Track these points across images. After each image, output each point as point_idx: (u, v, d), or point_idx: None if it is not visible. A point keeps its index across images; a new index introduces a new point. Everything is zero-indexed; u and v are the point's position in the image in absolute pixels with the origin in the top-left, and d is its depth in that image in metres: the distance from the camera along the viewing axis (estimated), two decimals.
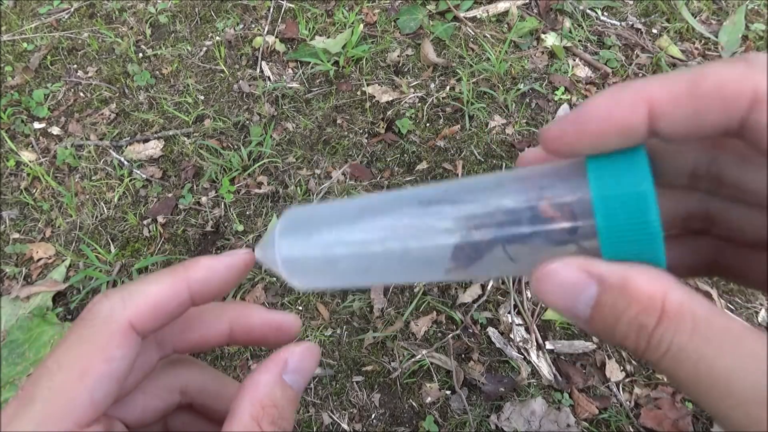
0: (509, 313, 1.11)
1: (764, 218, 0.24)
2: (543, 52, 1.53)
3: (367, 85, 1.47)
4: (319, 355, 0.28)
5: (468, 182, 0.25)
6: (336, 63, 1.51)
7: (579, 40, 1.56)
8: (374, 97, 1.45)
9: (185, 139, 1.41)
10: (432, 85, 1.47)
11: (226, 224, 1.27)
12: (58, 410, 0.23)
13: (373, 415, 1.03)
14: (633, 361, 1.07)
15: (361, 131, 1.40)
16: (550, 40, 1.55)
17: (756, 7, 1.61)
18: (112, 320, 0.25)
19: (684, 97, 0.19)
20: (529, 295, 1.13)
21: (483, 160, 1.33)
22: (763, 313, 1.10)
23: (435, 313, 1.12)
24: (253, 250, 0.30)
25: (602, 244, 0.20)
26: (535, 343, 1.08)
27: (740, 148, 0.21)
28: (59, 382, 0.23)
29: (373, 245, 0.26)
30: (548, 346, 1.08)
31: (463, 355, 1.08)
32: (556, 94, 1.44)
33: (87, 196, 1.33)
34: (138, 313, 0.25)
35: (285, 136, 1.40)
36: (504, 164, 1.32)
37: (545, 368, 1.06)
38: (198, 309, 0.29)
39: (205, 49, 1.59)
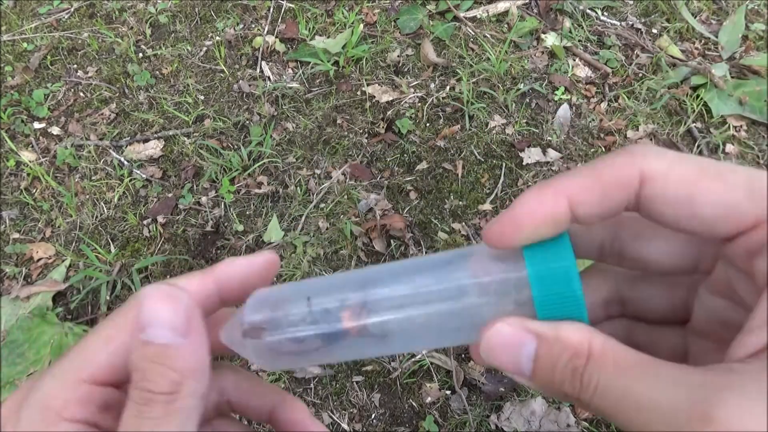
0: None
1: (665, 295, 0.28)
2: (543, 52, 1.53)
3: (367, 85, 1.47)
4: (178, 295, 0.25)
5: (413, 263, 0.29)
6: (336, 63, 1.51)
7: (579, 40, 1.56)
8: (374, 97, 1.45)
9: (185, 139, 1.41)
10: (432, 85, 1.47)
11: (226, 224, 1.27)
12: (81, 361, 0.26)
13: (373, 415, 1.03)
14: None
15: (361, 131, 1.40)
16: (550, 40, 1.55)
17: (756, 7, 1.61)
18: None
19: (592, 185, 0.23)
20: None
21: (483, 160, 1.33)
22: None
23: None
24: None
25: (538, 310, 0.24)
26: None
27: (635, 225, 0.27)
28: (86, 344, 0.27)
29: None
30: None
31: (463, 355, 1.08)
32: (556, 94, 1.44)
33: (87, 196, 1.33)
34: None
35: (285, 136, 1.40)
36: (504, 164, 1.32)
37: None
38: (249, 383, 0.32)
39: (205, 49, 1.59)
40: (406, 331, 0.27)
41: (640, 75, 1.48)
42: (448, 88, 1.46)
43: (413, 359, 1.07)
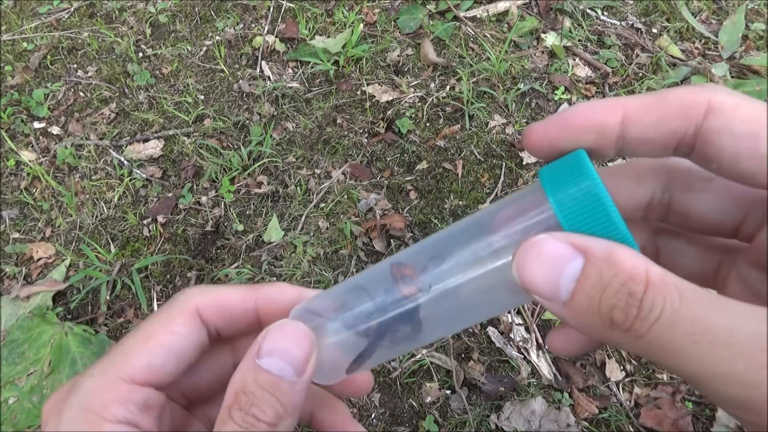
0: (509, 312, 1.11)
1: (699, 256, 0.27)
2: (543, 52, 1.53)
3: (367, 84, 1.47)
4: (305, 336, 0.26)
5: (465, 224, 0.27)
6: (336, 63, 1.51)
7: (579, 40, 1.56)
8: (374, 96, 1.45)
9: (185, 138, 1.41)
10: (432, 85, 1.47)
11: (226, 224, 1.27)
12: (119, 361, 0.27)
13: (373, 415, 1.03)
14: (633, 361, 1.07)
15: (361, 131, 1.40)
16: (550, 39, 1.55)
17: (756, 7, 1.61)
18: (183, 302, 0.28)
19: (652, 106, 0.22)
20: None
21: (483, 159, 1.33)
22: None
23: None
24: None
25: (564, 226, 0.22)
26: (535, 343, 1.08)
27: (686, 177, 0.26)
28: (127, 343, 0.27)
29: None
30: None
31: (463, 355, 1.08)
32: (556, 94, 1.44)
33: (87, 196, 1.33)
34: (205, 303, 0.28)
35: (285, 136, 1.40)
36: (504, 164, 1.32)
37: (545, 368, 1.06)
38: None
39: (205, 48, 1.59)
40: (461, 301, 0.25)
41: (640, 75, 1.48)
42: (448, 87, 1.46)
43: (413, 359, 1.07)
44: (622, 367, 1.06)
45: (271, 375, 0.24)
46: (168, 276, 1.21)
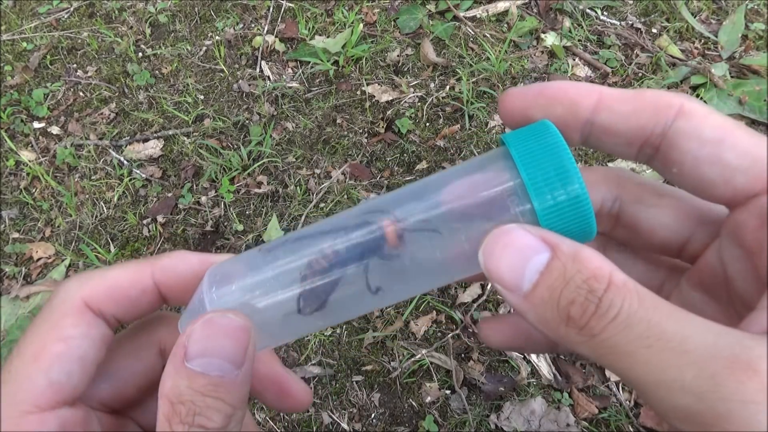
0: (509, 312, 1.11)
1: (645, 274, 0.27)
2: (543, 52, 1.53)
3: (367, 84, 1.47)
4: (239, 327, 0.23)
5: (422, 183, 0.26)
6: (336, 62, 1.51)
7: (579, 40, 1.56)
8: (374, 96, 1.45)
9: (185, 138, 1.41)
10: (432, 85, 1.47)
11: (225, 224, 1.27)
12: (15, 392, 0.23)
13: (372, 415, 1.03)
14: None
15: (360, 131, 1.40)
16: (550, 39, 1.55)
17: (756, 7, 1.61)
18: (66, 300, 0.25)
19: (629, 98, 0.23)
20: None
21: None
22: None
23: (435, 312, 1.12)
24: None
25: (536, 205, 0.22)
26: None
27: (638, 190, 0.26)
28: (15, 366, 0.24)
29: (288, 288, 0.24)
30: None
31: (462, 355, 1.08)
32: None
33: (87, 196, 1.33)
34: (93, 293, 0.25)
35: (285, 136, 1.40)
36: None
37: (545, 368, 1.06)
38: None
39: (204, 48, 1.59)
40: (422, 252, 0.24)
41: (640, 75, 1.48)
42: (447, 87, 1.46)
43: (413, 359, 1.07)
44: None
45: (208, 377, 0.22)
46: None
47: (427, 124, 1.40)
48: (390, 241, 0.23)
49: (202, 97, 1.49)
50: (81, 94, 1.52)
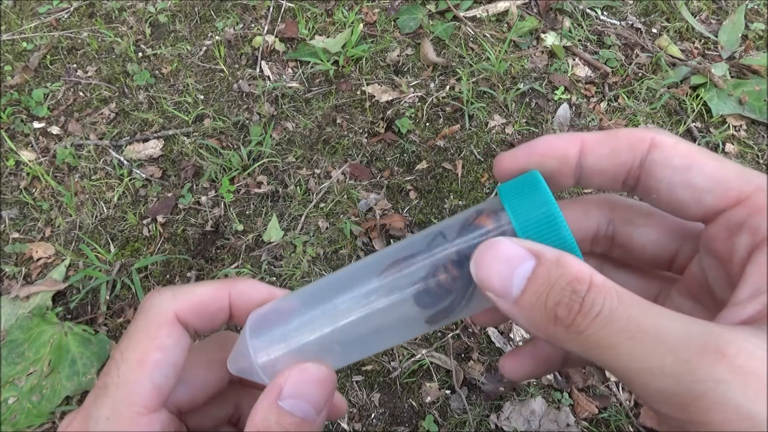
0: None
1: (640, 288, 0.30)
2: (543, 52, 1.53)
3: (367, 84, 1.47)
4: (323, 377, 0.27)
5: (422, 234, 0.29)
6: (336, 62, 1.51)
7: (579, 40, 1.56)
8: (374, 96, 1.45)
9: (185, 138, 1.41)
10: (432, 85, 1.47)
11: (225, 224, 1.27)
12: (127, 395, 0.26)
13: (372, 415, 1.03)
14: None
15: (360, 131, 1.40)
16: (550, 39, 1.55)
17: (756, 7, 1.61)
18: (161, 312, 0.28)
19: (606, 139, 0.26)
20: None
21: (483, 159, 1.33)
22: None
23: None
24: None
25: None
26: None
27: (628, 212, 0.29)
28: (123, 371, 0.27)
29: (345, 327, 0.27)
30: None
31: (462, 355, 1.08)
32: (555, 94, 1.44)
33: (87, 196, 1.33)
34: (184, 308, 0.28)
35: (285, 136, 1.39)
36: None
37: None
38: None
39: (204, 48, 1.59)
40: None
41: (640, 74, 1.48)
42: (447, 87, 1.46)
43: (413, 359, 1.07)
44: None
45: (294, 417, 0.25)
46: (168, 276, 1.21)
47: (427, 124, 1.40)
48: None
49: (202, 97, 1.49)
50: (81, 94, 1.52)
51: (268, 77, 1.51)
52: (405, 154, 1.35)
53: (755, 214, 0.22)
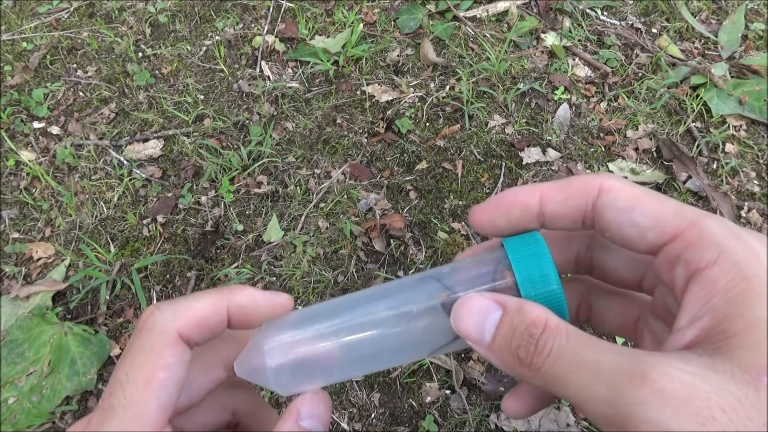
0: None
1: (621, 311, 0.33)
2: (543, 52, 1.53)
3: (367, 84, 1.47)
4: (328, 400, 0.31)
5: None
6: (336, 62, 1.51)
7: (579, 40, 1.56)
8: (374, 96, 1.45)
9: (185, 138, 1.41)
10: (432, 85, 1.47)
11: (225, 224, 1.27)
12: (135, 417, 0.27)
13: (372, 415, 1.03)
14: None
15: (360, 131, 1.40)
16: (550, 39, 1.55)
17: (756, 7, 1.61)
18: (164, 331, 0.29)
19: (561, 187, 0.29)
20: None
21: (483, 159, 1.33)
22: None
23: None
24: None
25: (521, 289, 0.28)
26: None
27: (602, 239, 0.32)
28: (130, 393, 0.28)
29: (361, 336, 0.30)
30: None
31: (462, 355, 1.08)
32: (555, 94, 1.44)
33: (87, 196, 1.33)
34: (186, 325, 0.30)
35: (285, 136, 1.40)
36: (503, 164, 1.32)
37: None
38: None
39: (204, 48, 1.59)
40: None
41: (640, 74, 1.48)
42: (447, 87, 1.46)
43: None
44: None
45: None
46: (168, 276, 1.21)
47: (427, 124, 1.40)
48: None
49: (202, 97, 1.49)
50: (81, 94, 1.52)
51: (268, 77, 1.51)
52: (405, 154, 1.35)
53: (688, 247, 0.25)
